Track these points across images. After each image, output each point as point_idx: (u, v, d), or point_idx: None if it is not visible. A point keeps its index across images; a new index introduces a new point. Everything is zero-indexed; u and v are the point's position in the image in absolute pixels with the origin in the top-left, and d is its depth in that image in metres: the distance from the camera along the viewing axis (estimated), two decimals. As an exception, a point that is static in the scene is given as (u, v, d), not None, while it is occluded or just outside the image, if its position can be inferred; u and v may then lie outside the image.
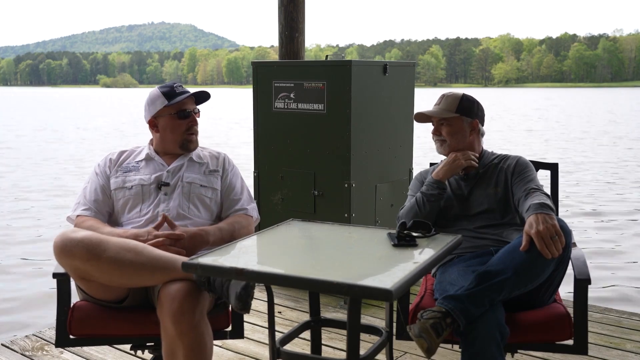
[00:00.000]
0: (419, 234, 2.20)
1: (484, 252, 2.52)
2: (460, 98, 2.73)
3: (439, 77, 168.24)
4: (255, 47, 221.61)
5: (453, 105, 2.71)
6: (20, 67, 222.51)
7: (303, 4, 4.58)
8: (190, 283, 2.18)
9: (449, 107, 2.72)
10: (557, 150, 17.82)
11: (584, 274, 2.31)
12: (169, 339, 2.17)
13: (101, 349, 3.24)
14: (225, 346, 3.29)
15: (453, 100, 2.73)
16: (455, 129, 2.72)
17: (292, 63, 4.29)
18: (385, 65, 4.07)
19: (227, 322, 2.43)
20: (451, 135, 2.72)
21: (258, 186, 4.28)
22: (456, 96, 2.74)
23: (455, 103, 2.72)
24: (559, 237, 2.17)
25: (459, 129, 2.72)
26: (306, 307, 3.21)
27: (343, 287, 1.72)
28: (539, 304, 2.35)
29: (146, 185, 2.59)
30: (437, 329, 2.11)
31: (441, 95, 2.79)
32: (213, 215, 2.65)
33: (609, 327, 3.56)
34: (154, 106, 2.64)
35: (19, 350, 3.28)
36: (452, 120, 2.72)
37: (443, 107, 2.73)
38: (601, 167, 14.54)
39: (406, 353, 3.18)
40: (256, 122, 4.25)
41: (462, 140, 2.73)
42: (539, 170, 2.80)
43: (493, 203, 2.64)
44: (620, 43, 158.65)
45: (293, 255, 2.15)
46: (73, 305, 2.35)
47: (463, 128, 2.72)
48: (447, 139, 2.73)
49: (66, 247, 2.18)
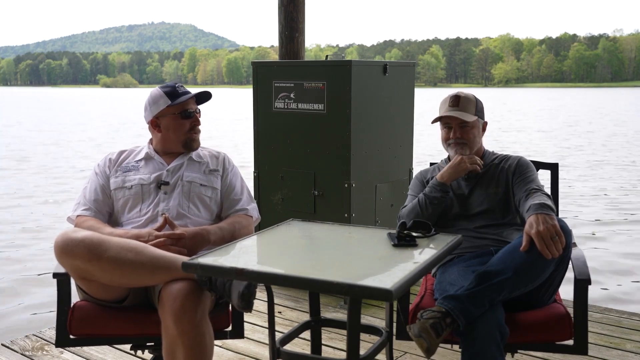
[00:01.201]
0: (419, 234, 2.21)
1: (484, 252, 2.52)
2: (475, 99, 2.73)
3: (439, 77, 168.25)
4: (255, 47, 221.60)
5: (472, 108, 2.70)
6: (20, 67, 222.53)
7: (303, 4, 4.58)
8: (192, 282, 2.18)
9: (470, 110, 2.69)
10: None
11: (584, 274, 2.31)
12: (169, 338, 2.17)
13: (101, 349, 3.24)
14: (226, 346, 3.29)
15: (470, 102, 2.70)
16: (476, 132, 2.71)
17: (292, 63, 4.29)
18: (385, 65, 4.07)
19: (228, 322, 2.43)
20: (472, 138, 2.70)
21: (258, 186, 4.28)
22: (471, 98, 2.72)
23: (473, 105, 2.70)
24: (559, 238, 2.17)
25: (477, 132, 2.72)
26: (306, 307, 3.22)
27: (343, 287, 1.72)
28: (539, 304, 2.35)
29: (146, 185, 2.59)
30: (437, 329, 2.11)
31: (455, 97, 2.72)
32: (213, 215, 2.65)
33: (609, 327, 3.56)
34: (156, 106, 2.64)
35: (19, 350, 3.28)
36: (473, 123, 2.70)
37: (463, 109, 2.69)
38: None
39: (406, 353, 3.18)
40: (256, 122, 4.25)
41: (479, 142, 2.74)
42: (539, 170, 2.80)
43: (493, 203, 2.64)
44: (620, 43, 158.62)
45: (293, 255, 2.15)
46: (73, 305, 2.35)
47: (479, 130, 2.73)
48: (467, 142, 2.69)
49: (67, 247, 2.18)
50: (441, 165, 2.85)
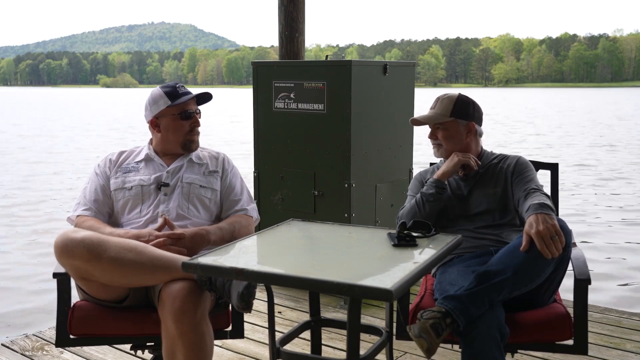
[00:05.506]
0: (419, 234, 2.21)
1: (484, 252, 2.52)
2: (454, 101, 2.72)
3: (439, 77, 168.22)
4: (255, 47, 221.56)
5: (448, 109, 2.70)
6: (20, 67, 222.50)
7: (303, 4, 4.58)
8: (192, 282, 2.18)
9: (444, 111, 2.71)
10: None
11: (584, 274, 2.31)
12: (169, 338, 2.17)
13: (101, 349, 3.24)
14: (225, 346, 3.29)
15: (448, 104, 2.72)
16: (450, 133, 2.72)
17: (292, 63, 4.29)
18: (385, 65, 4.07)
19: (228, 321, 2.43)
20: (447, 139, 2.72)
21: (258, 186, 4.28)
22: (451, 99, 2.73)
23: (450, 106, 2.71)
24: (559, 237, 2.17)
25: (454, 133, 2.72)
26: (306, 307, 3.22)
27: (343, 287, 1.72)
28: (539, 304, 2.35)
29: (146, 186, 2.59)
30: (437, 329, 2.11)
31: (436, 99, 2.78)
32: (212, 216, 2.65)
33: (609, 327, 3.56)
34: (156, 106, 2.64)
35: (19, 350, 3.28)
36: (447, 124, 2.72)
37: (438, 111, 2.73)
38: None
39: (406, 353, 3.18)
40: (256, 122, 4.25)
41: (458, 143, 2.73)
42: (539, 170, 2.80)
43: (493, 203, 2.64)
44: (620, 43, 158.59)
45: (293, 255, 2.15)
46: (73, 305, 2.35)
47: (459, 131, 2.72)
48: (442, 143, 2.73)
49: (67, 247, 2.18)
50: (440, 165, 2.85)
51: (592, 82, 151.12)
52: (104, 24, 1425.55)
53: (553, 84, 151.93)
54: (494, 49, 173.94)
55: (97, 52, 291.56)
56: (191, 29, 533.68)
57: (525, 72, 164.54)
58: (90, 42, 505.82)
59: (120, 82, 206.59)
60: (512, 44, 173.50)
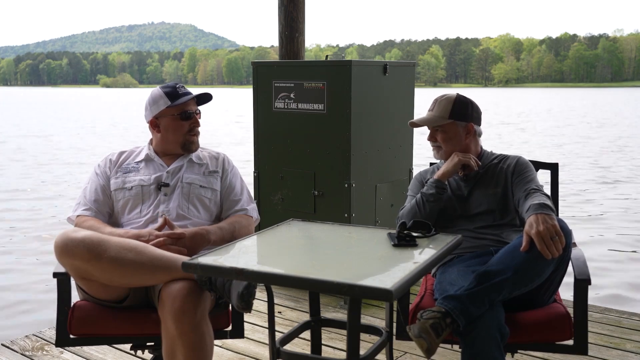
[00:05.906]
0: (419, 234, 2.21)
1: (484, 252, 2.52)
2: (453, 102, 2.71)
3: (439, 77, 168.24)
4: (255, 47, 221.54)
5: (446, 111, 2.70)
6: (20, 67, 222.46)
7: (303, 4, 4.58)
8: (192, 282, 2.18)
9: (442, 113, 2.70)
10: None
11: (584, 274, 2.31)
12: (169, 338, 2.17)
13: (101, 348, 3.24)
14: (225, 346, 3.29)
15: (446, 106, 2.71)
16: (449, 135, 2.71)
17: (292, 63, 4.29)
18: (385, 65, 4.07)
19: (228, 321, 2.43)
20: (446, 141, 2.72)
21: (258, 186, 4.28)
22: (449, 100, 2.72)
23: (448, 108, 2.70)
24: (559, 238, 2.17)
25: (453, 135, 2.71)
26: (306, 307, 3.22)
27: (343, 287, 1.72)
28: (539, 304, 2.35)
29: (146, 186, 2.59)
30: (436, 329, 2.11)
31: (434, 100, 2.77)
32: (212, 216, 2.65)
33: (609, 327, 3.56)
34: (156, 106, 2.64)
35: (19, 350, 3.28)
36: (446, 127, 2.71)
37: (436, 113, 2.72)
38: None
39: (406, 353, 3.18)
40: (256, 122, 4.26)
41: (458, 145, 2.72)
42: (539, 170, 2.80)
43: (493, 203, 2.63)
44: (620, 43, 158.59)
45: (293, 255, 2.15)
46: (73, 305, 2.35)
47: (458, 133, 2.72)
48: (442, 145, 2.72)
49: (67, 246, 2.18)
50: (440, 165, 2.85)
51: (592, 82, 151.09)
52: (104, 24, 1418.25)
53: (553, 84, 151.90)
54: (494, 49, 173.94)
55: (97, 52, 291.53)
56: (191, 29, 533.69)
57: (525, 72, 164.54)
58: (90, 42, 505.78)
59: (120, 82, 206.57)
60: (512, 44, 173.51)
